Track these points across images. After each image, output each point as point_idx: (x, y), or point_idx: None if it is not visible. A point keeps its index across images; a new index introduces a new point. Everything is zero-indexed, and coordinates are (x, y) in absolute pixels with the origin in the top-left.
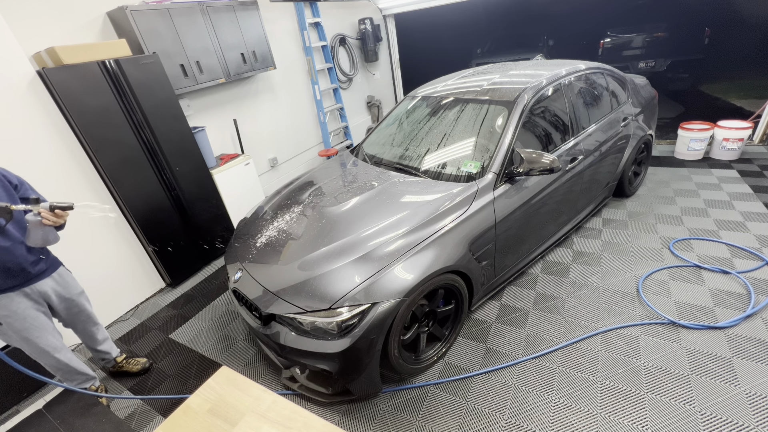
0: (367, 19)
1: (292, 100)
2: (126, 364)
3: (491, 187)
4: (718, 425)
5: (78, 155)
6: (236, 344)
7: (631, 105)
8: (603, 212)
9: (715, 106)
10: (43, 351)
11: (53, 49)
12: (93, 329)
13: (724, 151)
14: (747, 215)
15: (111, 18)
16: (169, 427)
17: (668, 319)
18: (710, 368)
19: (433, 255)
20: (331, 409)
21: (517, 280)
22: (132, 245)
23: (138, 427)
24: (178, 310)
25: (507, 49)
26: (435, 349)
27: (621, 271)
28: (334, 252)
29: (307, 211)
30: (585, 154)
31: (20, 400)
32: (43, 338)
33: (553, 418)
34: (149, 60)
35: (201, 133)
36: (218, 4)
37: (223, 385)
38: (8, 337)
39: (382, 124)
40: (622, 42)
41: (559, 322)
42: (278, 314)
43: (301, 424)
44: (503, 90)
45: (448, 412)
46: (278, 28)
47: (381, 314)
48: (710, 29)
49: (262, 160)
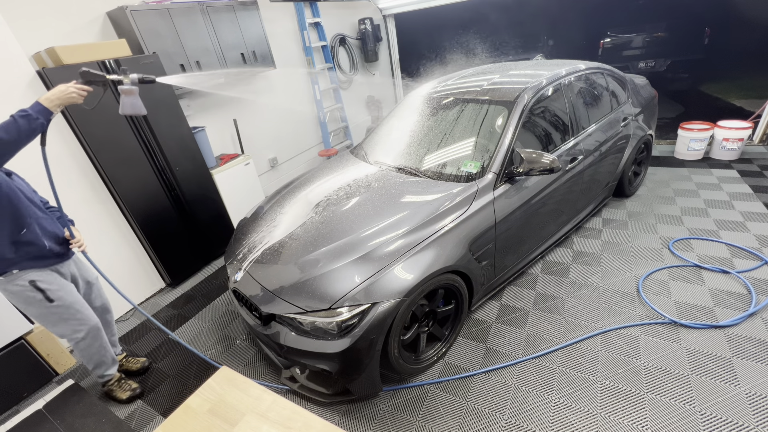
0: (367, 19)
1: (292, 100)
2: (126, 362)
3: (491, 187)
4: (718, 425)
5: (78, 155)
6: (236, 344)
7: (631, 105)
8: (603, 212)
9: (715, 106)
10: (95, 326)
11: (53, 49)
12: (108, 317)
13: (724, 151)
14: (747, 215)
15: (111, 18)
16: (169, 427)
17: (669, 319)
18: (710, 368)
19: (433, 255)
20: (331, 409)
21: (517, 280)
22: (132, 245)
23: (138, 427)
24: (178, 310)
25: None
26: (435, 349)
27: (621, 271)
28: (334, 252)
29: (307, 211)
30: (585, 154)
31: (20, 400)
32: (91, 313)
33: (553, 418)
34: (149, 60)
35: (201, 133)
36: (218, 4)
37: (223, 385)
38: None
39: (383, 124)
40: (622, 42)
41: (559, 322)
42: (278, 314)
43: (301, 424)
44: (503, 90)
45: (448, 412)
46: (278, 28)
47: (381, 314)
48: (710, 29)
49: (262, 160)
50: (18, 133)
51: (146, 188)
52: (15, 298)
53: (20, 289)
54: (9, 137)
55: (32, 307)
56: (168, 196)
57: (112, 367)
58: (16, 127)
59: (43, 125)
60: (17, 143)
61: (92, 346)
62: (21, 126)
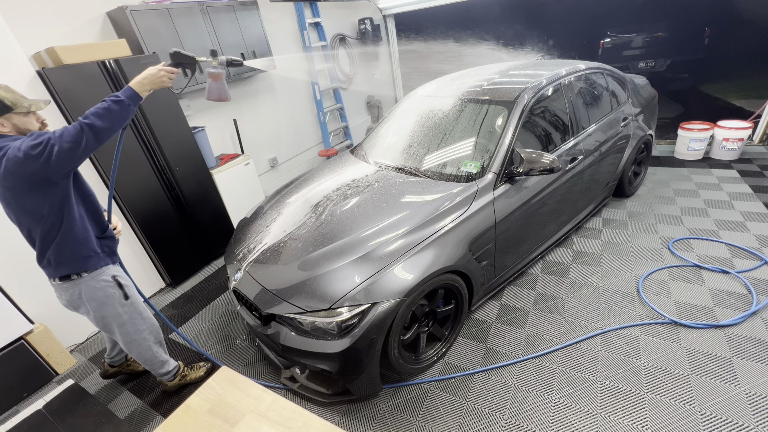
0: (367, 19)
1: (292, 100)
2: (134, 363)
3: (491, 187)
4: (718, 425)
5: None
6: (236, 344)
7: (631, 105)
8: (603, 212)
9: (715, 106)
10: (156, 326)
11: (53, 49)
12: None
13: (724, 151)
14: (747, 215)
15: (111, 18)
16: (169, 427)
17: (669, 319)
18: (710, 368)
19: (433, 255)
20: (331, 409)
21: (517, 280)
22: (132, 245)
23: (138, 427)
24: (178, 310)
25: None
26: (435, 349)
27: (621, 271)
28: (334, 252)
29: (307, 211)
30: (585, 154)
31: (20, 400)
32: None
33: (553, 418)
34: (149, 60)
35: (201, 133)
36: (218, 4)
37: (223, 385)
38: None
39: (382, 124)
40: (622, 42)
41: (559, 322)
42: (278, 314)
43: (301, 424)
44: (503, 90)
45: (448, 412)
46: (278, 28)
47: (381, 314)
48: (710, 29)
49: (262, 160)
50: (111, 120)
51: (146, 188)
52: (92, 300)
53: (103, 286)
54: (103, 124)
55: (107, 307)
56: (168, 196)
57: (171, 360)
58: (110, 113)
59: (133, 111)
60: (110, 130)
61: (153, 347)
62: (114, 112)
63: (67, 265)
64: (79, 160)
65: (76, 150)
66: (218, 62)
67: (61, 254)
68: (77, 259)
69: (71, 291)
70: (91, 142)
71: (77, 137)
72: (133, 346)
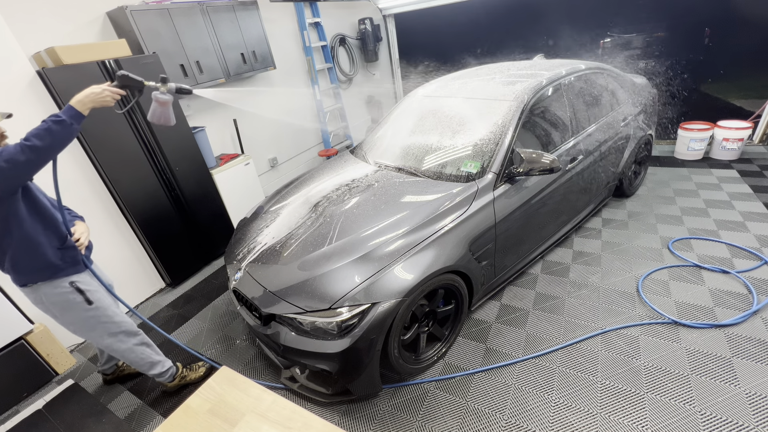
0: (367, 19)
1: (292, 100)
2: (127, 367)
3: (491, 187)
4: (718, 425)
5: (77, 155)
6: (236, 344)
7: (631, 105)
8: (603, 212)
9: (715, 106)
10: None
11: (53, 49)
12: None
13: (724, 151)
14: (747, 215)
15: (111, 18)
16: (169, 427)
17: (669, 319)
18: (710, 368)
19: (433, 255)
20: (331, 409)
21: (517, 280)
22: (132, 245)
23: (138, 427)
24: (178, 310)
25: (507, 49)
26: (435, 349)
27: (621, 270)
28: (334, 252)
29: (307, 211)
30: (585, 154)
31: (20, 400)
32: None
33: (553, 418)
34: (149, 60)
35: (201, 133)
36: (218, 4)
37: (223, 385)
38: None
39: (382, 124)
40: (622, 42)
41: (559, 322)
42: (278, 314)
43: (301, 424)
44: (503, 90)
45: (448, 412)
46: (278, 28)
47: (381, 314)
48: (710, 29)
49: (262, 160)
50: (53, 140)
51: (146, 188)
52: (54, 305)
53: (61, 292)
54: (44, 144)
55: (71, 313)
56: (168, 196)
57: (166, 360)
58: (50, 133)
59: (77, 131)
60: (52, 150)
61: (135, 349)
62: (55, 132)
63: (23, 274)
64: (21, 179)
65: (14, 169)
66: (167, 89)
67: (16, 264)
68: (32, 270)
69: (33, 297)
70: (32, 162)
71: (15, 157)
72: (112, 349)
